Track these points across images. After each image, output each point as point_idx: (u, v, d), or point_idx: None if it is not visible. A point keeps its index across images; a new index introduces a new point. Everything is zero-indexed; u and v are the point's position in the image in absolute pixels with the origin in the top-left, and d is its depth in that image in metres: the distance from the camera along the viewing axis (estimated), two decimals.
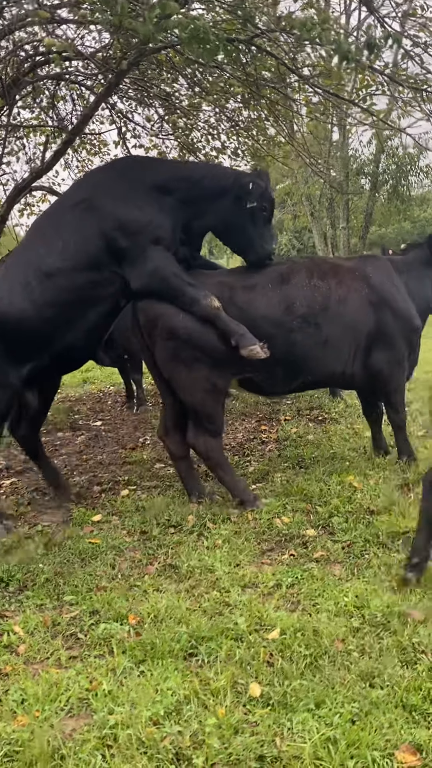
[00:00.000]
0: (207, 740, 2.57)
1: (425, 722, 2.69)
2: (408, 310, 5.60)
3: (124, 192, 5.10)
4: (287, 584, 3.89)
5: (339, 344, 5.39)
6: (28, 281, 4.96)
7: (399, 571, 3.91)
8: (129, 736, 2.63)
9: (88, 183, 5.37)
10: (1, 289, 5.01)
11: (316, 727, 2.64)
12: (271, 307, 5.24)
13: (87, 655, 3.31)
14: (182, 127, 10.64)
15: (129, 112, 10.70)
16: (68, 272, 4.97)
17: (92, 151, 11.86)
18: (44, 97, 10.28)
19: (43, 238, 5.15)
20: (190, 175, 5.35)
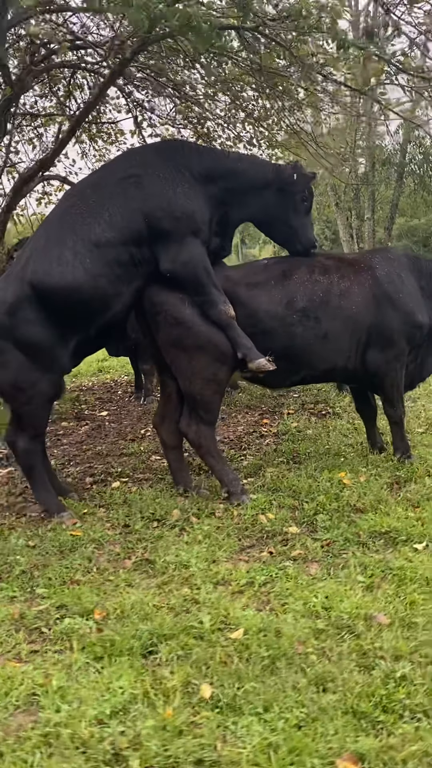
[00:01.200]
0: (145, 742, 2.53)
1: (374, 730, 2.62)
2: (410, 305, 5.47)
3: (173, 176, 5.09)
4: (260, 582, 3.84)
5: (340, 338, 5.34)
6: (76, 249, 4.86)
7: (375, 571, 3.84)
8: (70, 735, 2.60)
9: (138, 160, 5.26)
10: (48, 259, 4.87)
11: (260, 732, 2.59)
12: (273, 301, 5.26)
13: (47, 650, 3.30)
14: (197, 116, 10.57)
15: (144, 101, 10.66)
16: (116, 245, 4.93)
17: (108, 140, 11.86)
18: (61, 87, 10.30)
19: (87, 205, 5.00)
20: (233, 167, 5.35)
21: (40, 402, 5.06)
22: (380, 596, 3.57)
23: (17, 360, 4.92)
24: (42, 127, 11.53)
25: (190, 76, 9.57)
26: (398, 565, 3.86)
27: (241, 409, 8.19)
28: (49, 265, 4.85)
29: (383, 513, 4.60)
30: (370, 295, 5.38)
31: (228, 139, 10.96)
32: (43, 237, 5.07)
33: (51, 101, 10.63)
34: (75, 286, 4.83)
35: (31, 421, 5.08)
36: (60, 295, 4.83)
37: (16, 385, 4.97)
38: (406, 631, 3.25)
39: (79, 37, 7.51)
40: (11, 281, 5.00)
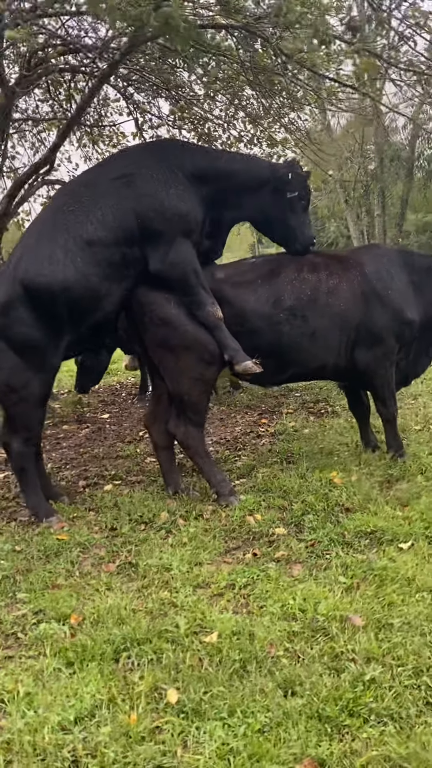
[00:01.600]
0: (104, 748, 2.51)
1: (338, 735, 2.58)
2: (399, 301, 5.41)
3: (165, 176, 5.07)
4: (240, 585, 3.80)
5: (327, 336, 5.30)
6: (68, 247, 4.83)
7: (356, 572, 3.80)
8: (30, 742, 2.58)
9: (131, 159, 5.25)
10: (39, 257, 4.83)
11: (222, 737, 2.56)
12: (260, 300, 5.25)
13: (21, 656, 3.29)
14: (196, 117, 10.55)
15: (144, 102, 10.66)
16: (108, 244, 4.91)
17: (110, 143, 11.86)
18: (62, 91, 10.32)
19: (80, 203, 4.96)
20: (227, 168, 5.31)
21: (32, 402, 5.01)
22: (359, 597, 3.52)
23: (10, 360, 4.90)
24: (44, 132, 11.60)
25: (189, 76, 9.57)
26: (380, 565, 3.81)
27: (241, 409, 8.15)
28: (41, 263, 4.81)
29: (371, 512, 4.55)
30: (358, 293, 5.33)
31: (228, 139, 10.93)
32: (34, 235, 5.02)
33: (52, 105, 10.66)
34: (66, 284, 4.79)
35: (23, 422, 5.05)
36: (51, 293, 4.79)
37: (9, 386, 4.93)
38: (380, 632, 3.20)
39: (70, 41, 7.50)
40: (3, 281, 4.94)
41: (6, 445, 5.15)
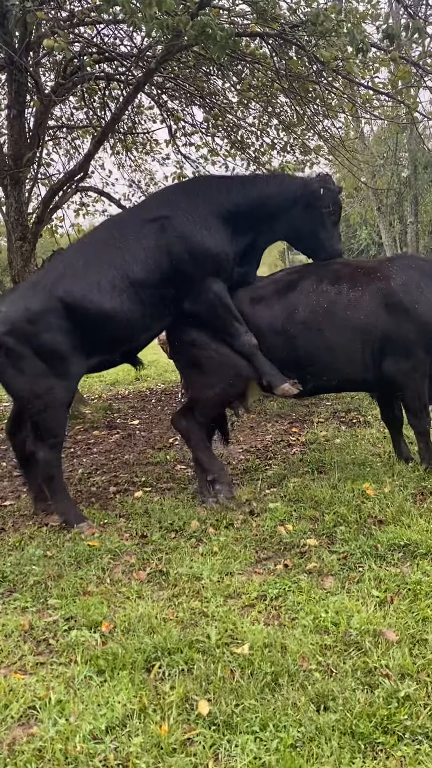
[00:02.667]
0: (135, 759, 2.50)
1: (372, 752, 2.54)
2: (427, 313, 5.33)
3: (200, 217, 5.30)
4: (272, 596, 3.77)
5: (348, 349, 5.31)
6: (115, 283, 5.11)
7: (389, 586, 3.75)
8: (62, 751, 2.58)
9: (167, 200, 5.50)
10: (87, 283, 5.08)
11: (254, 751, 2.54)
12: (276, 314, 5.42)
13: (52, 662, 3.29)
14: (230, 124, 10.58)
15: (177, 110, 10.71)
16: (149, 285, 5.21)
17: (143, 150, 11.94)
18: (96, 99, 10.41)
19: (125, 242, 5.24)
20: (261, 196, 5.47)
21: (56, 407, 5.11)
22: (392, 612, 3.47)
23: (35, 366, 5.01)
24: (78, 139, 11.71)
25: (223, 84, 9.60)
26: (414, 579, 3.76)
27: (271, 418, 8.12)
28: (89, 289, 5.06)
29: (404, 525, 4.49)
30: (383, 305, 5.30)
31: (261, 147, 10.94)
32: (81, 259, 5.25)
33: (87, 113, 10.76)
34: (112, 314, 5.09)
35: (49, 427, 5.12)
36: (95, 318, 5.05)
37: (34, 392, 5.04)
38: (415, 648, 3.15)
39: (105, 50, 7.57)
40: (38, 291, 5.11)
41: (33, 454, 5.26)
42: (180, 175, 11.19)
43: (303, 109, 9.40)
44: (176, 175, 11.17)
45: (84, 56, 7.41)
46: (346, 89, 8.07)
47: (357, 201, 25.05)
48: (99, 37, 8.24)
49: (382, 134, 20.55)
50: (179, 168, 11.29)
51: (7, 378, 5.10)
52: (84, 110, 10.58)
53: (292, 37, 5.92)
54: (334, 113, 9.18)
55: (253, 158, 11.04)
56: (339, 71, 6.57)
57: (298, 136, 10.41)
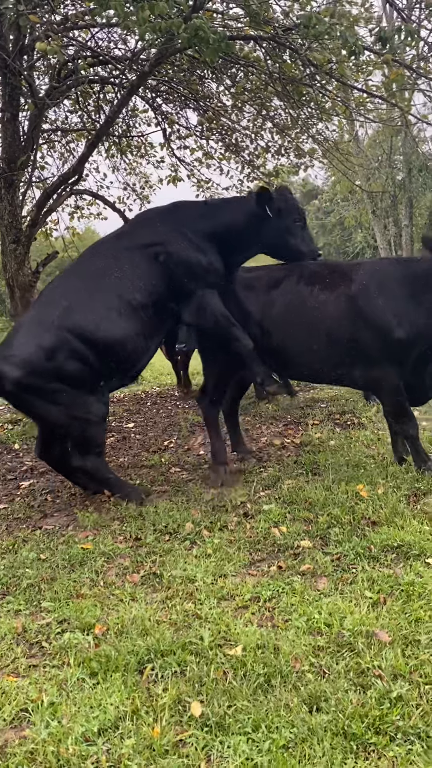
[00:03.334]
0: (127, 761, 2.50)
1: (364, 753, 2.54)
2: (384, 320, 5.30)
3: (190, 241, 5.62)
4: (265, 597, 3.78)
5: (315, 346, 5.60)
6: (121, 311, 5.40)
7: (382, 587, 3.75)
8: (54, 753, 2.58)
9: (156, 228, 5.75)
10: (96, 313, 5.35)
11: (246, 752, 2.54)
12: (258, 309, 5.85)
13: (45, 665, 3.29)
14: (225, 127, 10.60)
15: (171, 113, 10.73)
16: (150, 308, 5.53)
17: (138, 153, 11.95)
18: (91, 102, 10.43)
19: (122, 271, 5.50)
20: (229, 221, 5.78)
21: (96, 422, 5.43)
22: (385, 613, 3.48)
23: (67, 396, 5.28)
24: (72, 142, 11.72)
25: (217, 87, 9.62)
26: (407, 580, 3.76)
27: (266, 420, 8.13)
28: (100, 319, 5.33)
29: (398, 526, 4.50)
30: (346, 309, 5.47)
31: (255, 150, 10.97)
32: (84, 291, 5.45)
33: (81, 116, 10.78)
34: (122, 341, 5.39)
35: (94, 440, 5.48)
36: (107, 346, 5.33)
37: (73, 416, 5.33)
38: (407, 649, 3.15)
39: (99, 53, 7.58)
40: (45, 329, 5.29)
41: (81, 467, 5.58)
42: (175, 178, 11.21)
43: (297, 112, 9.43)
44: (171, 178, 11.19)
45: (78, 59, 7.43)
46: (340, 92, 8.10)
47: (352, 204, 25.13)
48: (93, 40, 8.25)
49: (377, 137, 20.64)
50: (174, 171, 11.32)
51: (42, 412, 5.42)
52: (78, 113, 10.60)
53: (285, 40, 5.93)
54: (328, 116, 9.20)
55: (248, 161, 11.08)
56: (332, 74, 6.59)
57: (292, 139, 10.44)
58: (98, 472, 5.55)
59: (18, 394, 5.27)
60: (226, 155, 11.25)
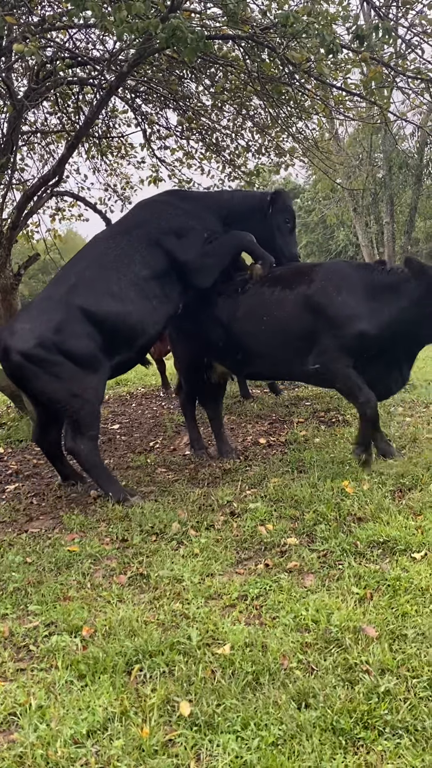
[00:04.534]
0: (116, 762, 2.49)
1: (353, 747, 2.55)
2: (344, 315, 5.57)
3: (189, 214, 6.09)
4: (253, 596, 3.78)
5: (275, 344, 5.91)
6: (121, 285, 5.67)
7: (369, 582, 3.77)
8: (43, 756, 2.57)
9: (152, 208, 6.16)
10: (99, 291, 5.60)
11: (235, 750, 2.54)
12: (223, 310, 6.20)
13: (33, 668, 3.27)
14: (205, 127, 10.59)
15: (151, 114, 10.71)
16: (150, 279, 5.83)
17: (118, 154, 11.92)
18: (71, 103, 10.38)
19: (121, 249, 5.82)
20: (234, 204, 6.34)
21: (94, 402, 5.60)
22: (372, 608, 3.49)
23: (69, 370, 5.45)
24: (52, 144, 11.67)
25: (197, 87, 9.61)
26: (394, 575, 3.78)
27: (252, 419, 8.13)
28: (102, 296, 5.59)
29: (383, 522, 4.51)
30: (304, 306, 5.74)
31: (236, 149, 10.97)
32: (88, 270, 5.72)
33: (61, 118, 10.74)
34: (125, 315, 5.64)
35: (89, 421, 5.56)
36: (112, 321, 5.59)
37: (73, 392, 5.47)
38: (394, 644, 3.17)
39: (77, 54, 7.55)
40: (53, 304, 5.58)
41: (73, 449, 5.61)
42: (156, 178, 11.19)
43: (276, 111, 9.44)
44: (152, 179, 11.17)
45: (56, 61, 7.40)
46: (319, 91, 8.12)
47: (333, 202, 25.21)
48: (71, 41, 8.22)
49: (357, 135, 20.70)
50: (155, 171, 11.29)
51: (43, 385, 5.51)
52: (58, 115, 10.55)
53: (264, 39, 5.94)
54: (308, 115, 9.22)
55: (229, 161, 11.07)
56: (311, 73, 6.61)
57: (272, 138, 10.44)
58: (89, 458, 5.58)
59: (22, 366, 5.40)
60: (207, 155, 11.23)
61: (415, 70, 6.35)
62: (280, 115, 9.62)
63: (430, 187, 22.42)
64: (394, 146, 19.97)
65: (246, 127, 10.63)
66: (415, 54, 6.13)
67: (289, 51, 5.80)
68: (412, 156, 21.06)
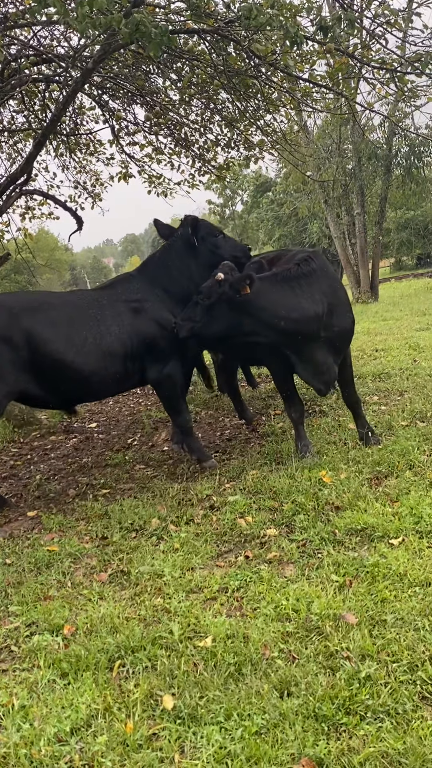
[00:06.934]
0: (101, 758, 2.50)
1: (335, 733, 2.58)
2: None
3: (162, 301, 5.90)
4: (233, 588, 3.80)
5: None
6: (89, 350, 5.51)
7: (348, 570, 3.80)
8: (27, 755, 2.56)
9: (137, 285, 5.98)
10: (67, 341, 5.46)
11: (219, 741, 2.55)
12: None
13: (15, 668, 3.27)
14: (173, 122, 10.55)
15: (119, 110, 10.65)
16: (119, 355, 5.71)
17: (87, 151, 11.85)
18: (37, 101, 10.30)
19: (102, 316, 5.66)
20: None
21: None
22: (351, 595, 3.52)
23: None
24: (20, 143, 11.58)
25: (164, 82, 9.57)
26: (372, 562, 3.81)
27: (229, 413, 8.14)
28: (71, 348, 5.41)
29: (361, 510, 4.55)
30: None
31: (205, 144, 10.95)
32: (66, 324, 5.48)
33: (27, 116, 10.64)
34: (85, 373, 5.48)
35: None
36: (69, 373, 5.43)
37: None
38: (374, 629, 3.20)
39: (42, 51, 7.49)
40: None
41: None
42: (126, 174, 11.14)
43: (244, 105, 9.42)
44: (122, 175, 11.12)
45: (21, 59, 7.33)
46: (285, 83, 8.12)
47: (305, 195, 25.26)
48: (35, 38, 8.15)
49: (326, 127, 20.75)
50: (124, 168, 11.24)
51: None
52: (24, 113, 10.46)
53: (228, 33, 5.93)
54: (276, 108, 9.22)
55: (198, 155, 11.04)
56: (276, 65, 6.61)
57: (241, 131, 10.42)
58: None
59: None
60: (176, 150, 11.19)
61: (380, 60, 6.37)
62: (248, 108, 9.61)
63: (399, 177, 22.53)
64: (362, 137, 20.04)
65: (214, 121, 10.60)
66: (380, 44, 6.14)
67: (254, 44, 5.80)
68: (381, 146, 21.15)
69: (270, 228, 42.14)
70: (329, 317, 5.48)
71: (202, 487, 5.41)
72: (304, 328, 5.38)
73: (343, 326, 5.68)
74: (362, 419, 6.09)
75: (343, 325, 5.69)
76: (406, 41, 7.24)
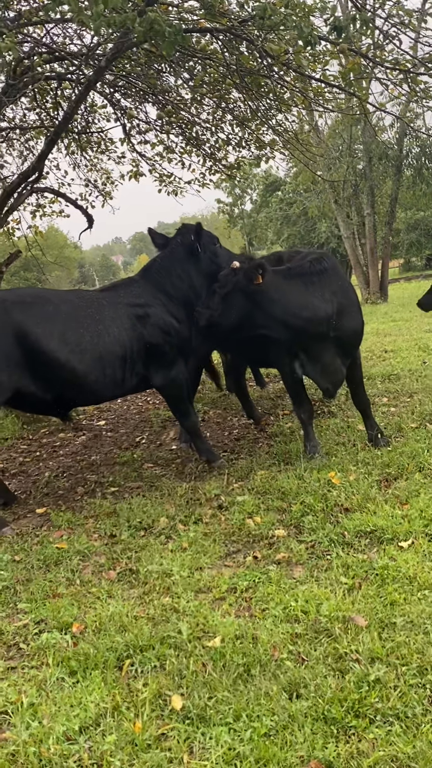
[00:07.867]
0: (110, 758, 2.50)
1: (344, 736, 2.57)
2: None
3: (168, 305, 5.89)
4: (242, 588, 3.80)
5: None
6: (84, 348, 5.40)
7: (357, 572, 3.79)
8: (35, 753, 2.57)
9: (141, 289, 5.92)
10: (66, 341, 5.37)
11: (228, 742, 2.55)
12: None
13: (24, 666, 3.27)
14: (184, 121, 10.55)
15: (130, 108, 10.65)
16: (117, 357, 5.63)
17: (98, 149, 11.86)
18: (49, 99, 10.31)
19: (102, 316, 5.58)
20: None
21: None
22: (360, 597, 3.51)
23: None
24: (32, 140, 11.60)
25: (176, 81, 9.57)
26: (381, 564, 3.80)
27: (237, 412, 8.14)
28: (65, 347, 5.28)
29: (370, 512, 4.54)
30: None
31: (216, 143, 10.94)
32: (61, 321, 5.37)
33: (39, 114, 10.66)
34: (79, 375, 5.36)
35: None
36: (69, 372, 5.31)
37: None
38: (384, 632, 3.19)
39: (55, 49, 7.50)
40: None
41: None
42: (137, 173, 11.15)
43: (256, 104, 9.41)
44: (132, 173, 11.13)
45: (33, 56, 7.34)
46: (298, 83, 8.11)
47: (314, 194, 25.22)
48: (48, 36, 8.16)
49: (337, 127, 20.73)
50: (135, 166, 11.25)
51: None
52: (36, 111, 10.48)
53: (242, 32, 5.93)
54: (287, 107, 9.21)
55: (209, 154, 11.04)
56: (289, 65, 6.60)
57: (252, 131, 10.42)
58: None
59: None
60: (188, 149, 11.19)
61: (393, 60, 6.35)
62: (260, 107, 9.59)
63: (410, 178, 22.46)
64: (373, 137, 19.99)
65: (226, 120, 10.60)
66: (393, 45, 6.13)
67: (267, 43, 5.79)
68: (392, 147, 21.09)
69: (279, 227, 42.08)
70: (339, 318, 5.48)
71: (210, 486, 5.41)
72: (313, 326, 5.38)
73: (352, 327, 5.69)
74: (371, 420, 6.08)
75: (353, 327, 5.70)
76: (419, 42, 7.22)
